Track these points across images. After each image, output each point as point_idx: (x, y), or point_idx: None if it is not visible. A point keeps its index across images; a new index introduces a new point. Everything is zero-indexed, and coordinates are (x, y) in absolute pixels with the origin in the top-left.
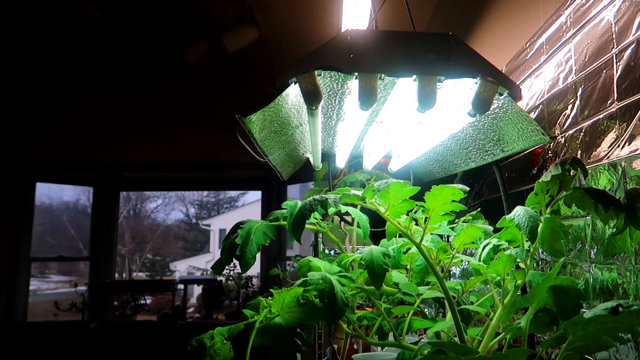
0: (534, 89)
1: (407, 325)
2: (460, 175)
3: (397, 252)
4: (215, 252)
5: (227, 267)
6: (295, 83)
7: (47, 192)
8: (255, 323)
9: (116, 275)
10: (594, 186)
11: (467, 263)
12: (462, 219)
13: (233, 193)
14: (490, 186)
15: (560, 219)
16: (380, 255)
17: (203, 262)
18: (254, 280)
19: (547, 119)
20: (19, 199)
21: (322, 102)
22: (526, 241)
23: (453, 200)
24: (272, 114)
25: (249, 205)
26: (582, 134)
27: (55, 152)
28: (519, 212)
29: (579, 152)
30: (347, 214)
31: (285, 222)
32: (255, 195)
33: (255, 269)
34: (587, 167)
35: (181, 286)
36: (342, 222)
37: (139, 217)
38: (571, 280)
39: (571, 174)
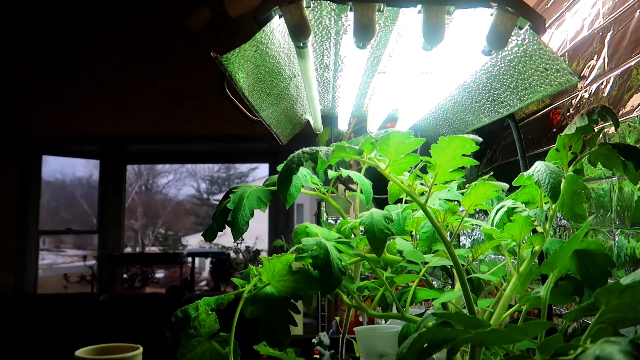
0: (555, 41)
1: (411, 295)
2: None
3: (401, 217)
4: (225, 227)
5: (235, 241)
6: (280, 17)
7: (59, 168)
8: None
9: (129, 249)
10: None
11: (478, 232)
12: (473, 184)
13: (244, 168)
14: (504, 150)
15: (582, 180)
16: (381, 219)
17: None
18: (263, 254)
19: None
20: (26, 172)
21: (312, 41)
22: (545, 203)
23: (464, 155)
24: (257, 57)
25: (259, 181)
26: (609, 85)
27: (61, 124)
28: (538, 168)
29: None
30: (352, 181)
31: None
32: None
33: (263, 243)
34: None
35: (190, 259)
36: (347, 192)
37: (151, 192)
38: (598, 244)
39: (597, 129)
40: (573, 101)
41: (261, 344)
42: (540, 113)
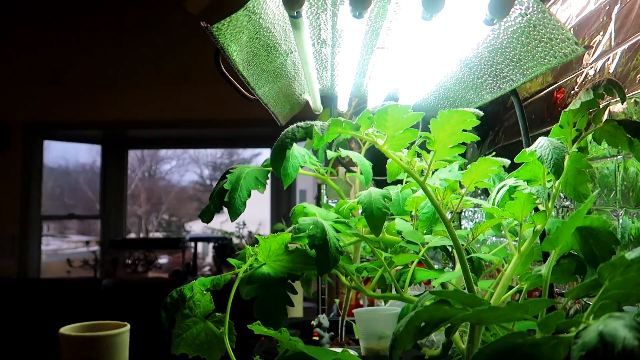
0: (560, 17)
1: (410, 276)
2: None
3: (401, 197)
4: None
5: (236, 225)
6: None
7: (63, 154)
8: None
9: (133, 235)
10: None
11: (480, 215)
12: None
13: (246, 154)
14: (507, 131)
15: (587, 159)
16: (379, 197)
17: (218, 223)
18: None
19: None
20: (27, 156)
21: (307, 12)
22: (548, 181)
23: (464, 130)
24: (250, 28)
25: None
26: (615, 61)
27: (62, 109)
28: (541, 143)
29: None
30: (353, 164)
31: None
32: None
33: (266, 229)
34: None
35: (192, 244)
36: (347, 175)
37: (154, 178)
38: (602, 220)
39: (602, 106)
40: (578, 79)
41: (255, 322)
42: (543, 92)
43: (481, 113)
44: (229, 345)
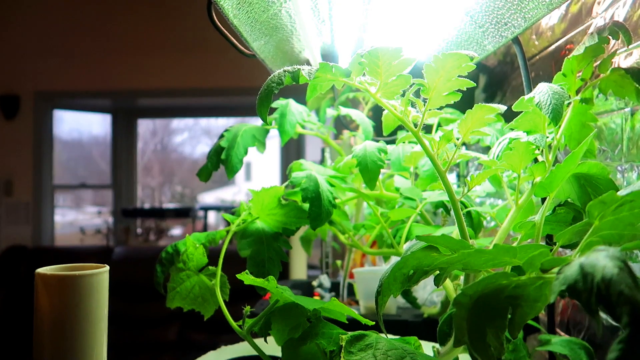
0: None
1: (406, 231)
2: (482, 84)
3: (401, 154)
4: (240, 184)
5: (247, 195)
6: None
7: (77, 127)
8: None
9: (147, 205)
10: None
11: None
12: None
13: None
14: (514, 92)
15: (591, 110)
16: (374, 150)
17: (230, 194)
18: None
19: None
20: (38, 126)
21: None
22: (550, 133)
23: (460, 76)
24: None
25: (274, 138)
26: (626, 9)
27: (71, 79)
28: (540, 89)
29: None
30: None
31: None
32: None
33: None
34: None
35: (202, 214)
36: (353, 140)
37: (166, 150)
38: (601, 167)
39: (608, 55)
40: (587, 32)
41: (244, 272)
42: (550, 48)
43: (476, 55)
44: (221, 297)
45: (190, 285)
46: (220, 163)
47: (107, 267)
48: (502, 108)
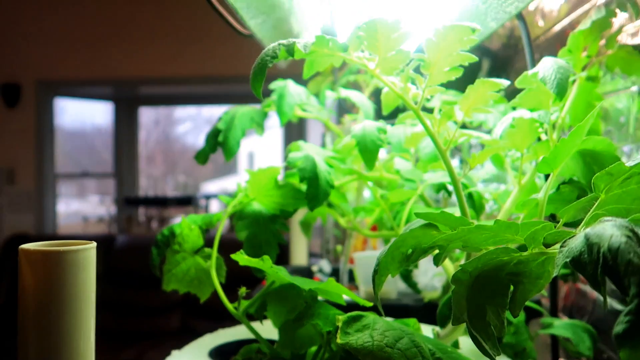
0: None
1: (406, 213)
2: (486, 68)
3: (402, 135)
4: (243, 174)
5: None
6: None
7: (80, 117)
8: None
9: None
10: None
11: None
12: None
13: None
14: (519, 75)
15: (597, 88)
16: (373, 129)
17: (233, 184)
18: None
19: None
20: (39, 114)
21: None
22: (554, 111)
23: (462, 51)
24: None
25: (275, 129)
26: None
27: (73, 67)
28: (545, 63)
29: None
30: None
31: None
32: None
33: None
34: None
35: (205, 202)
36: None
37: (169, 140)
38: (607, 143)
39: (616, 30)
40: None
41: (239, 252)
42: (555, 29)
43: (479, 27)
44: (217, 279)
45: (186, 267)
46: (218, 145)
47: (94, 244)
48: (506, 83)
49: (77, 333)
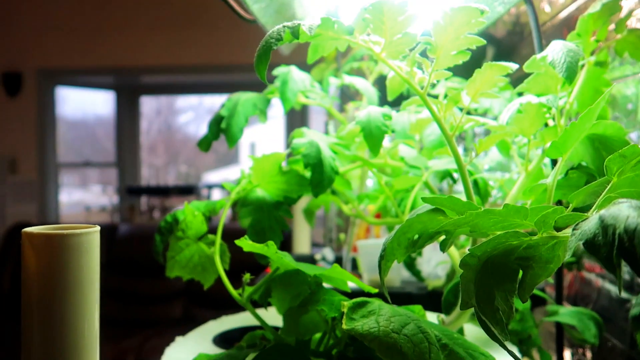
0: None
1: (411, 200)
2: (491, 55)
3: (406, 122)
4: (245, 164)
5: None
6: None
7: (81, 106)
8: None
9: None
10: None
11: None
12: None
13: None
14: (525, 61)
15: (605, 74)
16: (378, 115)
17: (235, 174)
18: None
19: None
20: (41, 103)
21: None
22: (562, 97)
23: (469, 34)
24: None
25: (277, 119)
26: None
27: (74, 55)
28: (554, 47)
29: None
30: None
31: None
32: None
33: None
34: None
35: (206, 192)
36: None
37: (171, 130)
38: (617, 127)
39: (626, 14)
40: None
41: (242, 237)
42: (561, 16)
43: (487, 9)
44: (221, 266)
45: (189, 253)
46: (221, 132)
47: (98, 227)
48: (514, 66)
49: (81, 317)
